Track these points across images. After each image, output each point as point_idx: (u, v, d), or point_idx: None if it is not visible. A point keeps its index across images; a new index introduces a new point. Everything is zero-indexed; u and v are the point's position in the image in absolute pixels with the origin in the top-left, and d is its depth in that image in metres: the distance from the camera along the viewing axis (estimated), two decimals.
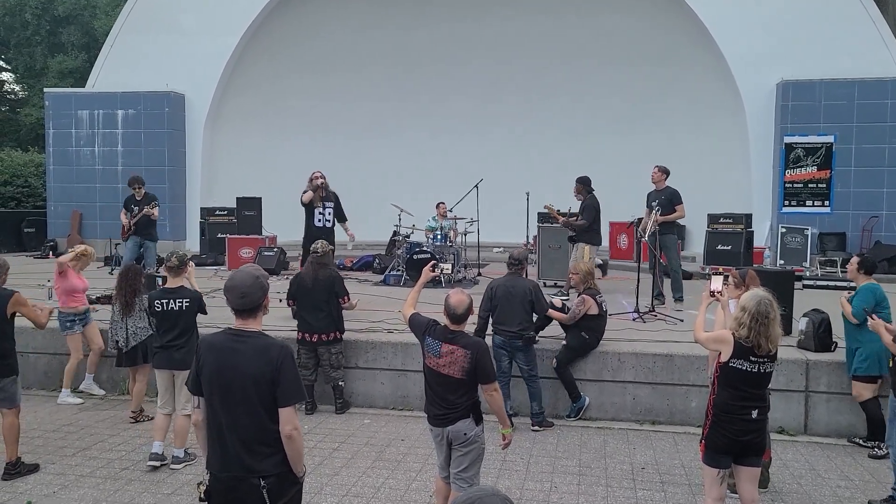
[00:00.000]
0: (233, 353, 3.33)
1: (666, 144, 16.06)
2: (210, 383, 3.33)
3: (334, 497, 5.49)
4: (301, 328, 7.53)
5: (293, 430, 3.28)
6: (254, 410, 3.27)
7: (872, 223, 14.20)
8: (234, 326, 3.44)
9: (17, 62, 32.16)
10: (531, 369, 7.05)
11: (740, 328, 4.31)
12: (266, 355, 3.30)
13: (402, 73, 18.32)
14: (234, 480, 3.28)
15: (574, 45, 17.43)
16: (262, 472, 3.25)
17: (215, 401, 3.33)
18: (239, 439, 3.27)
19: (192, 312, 6.21)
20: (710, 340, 4.55)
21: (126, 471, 5.99)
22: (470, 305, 4.55)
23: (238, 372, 3.28)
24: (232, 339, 3.38)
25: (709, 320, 7.48)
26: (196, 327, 6.28)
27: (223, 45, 17.10)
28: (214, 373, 3.32)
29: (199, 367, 3.39)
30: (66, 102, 17.44)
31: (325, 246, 7.84)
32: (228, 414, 3.29)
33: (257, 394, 3.26)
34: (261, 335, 3.41)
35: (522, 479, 5.85)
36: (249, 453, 3.26)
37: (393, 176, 17.92)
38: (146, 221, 11.55)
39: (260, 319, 3.46)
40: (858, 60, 14.40)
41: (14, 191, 19.70)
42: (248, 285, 3.40)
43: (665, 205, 9.87)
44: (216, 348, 3.38)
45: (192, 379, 3.44)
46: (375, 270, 13.72)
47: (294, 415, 3.31)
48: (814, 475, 6.02)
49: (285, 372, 3.29)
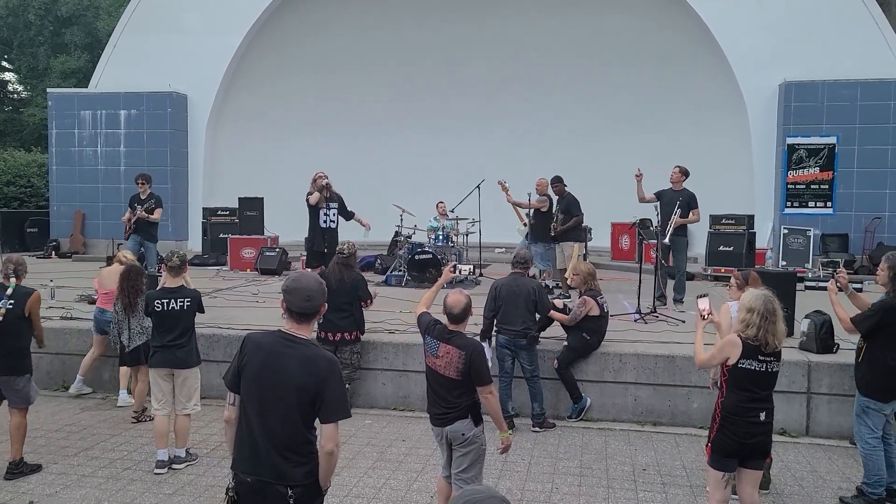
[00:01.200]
0: (280, 357, 3.26)
1: (668, 145, 16.04)
2: (251, 383, 3.26)
3: (335, 497, 5.48)
4: (323, 327, 7.43)
5: (335, 448, 3.21)
6: (291, 418, 3.21)
7: (875, 224, 14.18)
8: (285, 329, 3.35)
9: (21, 62, 32.20)
10: (533, 369, 7.06)
11: (748, 328, 4.32)
12: (313, 366, 3.23)
13: (404, 73, 18.33)
14: (261, 484, 3.22)
15: (576, 45, 17.42)
16: (291, 481, 3.19)
17: (252, 401, 3.26)
18: (272, 444, 3.20)
19: (193, 312, 6.22)
20: (716, 354, 4.52)
21: (128, 471, 6.00)
22: (467, 306, 4.54)
23: (281, 377, 3.21)
24: (281, 343, 3.29)
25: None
26: (195, 327, 6.29)
27: (226, 46, 17.12)
28: (257, 373, 3.25)
29: (241, 363, 3.31)
30: (69, 103, 17.48)
31: (352, 247, 7.81)
32: (264, 417, 3.22)
33: (297, 403, 3.20)
34: (310, 344, 3.33)
35: (523, 480, 5.85)
36: (281, 459, 3.20)
37: (395, 176, 17.92)
38: (146, 221, 11.56)
39: (311, 328, 3.39)
40: (861, 61, 14.38)
41: (17, 191, 19.73)
42: (314, 290, 3.34)
43: (683, 207, 9.83)
44: (264, 349, 3.30)
45: (232, 374, 3.34)
46: (377, 271, 13.72)
47: (336, 432, 3.23)
48: (815, 477, 6.01)
49: (332, 387, 3.21)
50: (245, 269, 13.79)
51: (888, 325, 5.28)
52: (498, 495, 1.97)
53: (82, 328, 8.45)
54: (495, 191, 11.73)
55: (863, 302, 5.72)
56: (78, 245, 17.03)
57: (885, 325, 5.29)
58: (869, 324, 5.36)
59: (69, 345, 8.35)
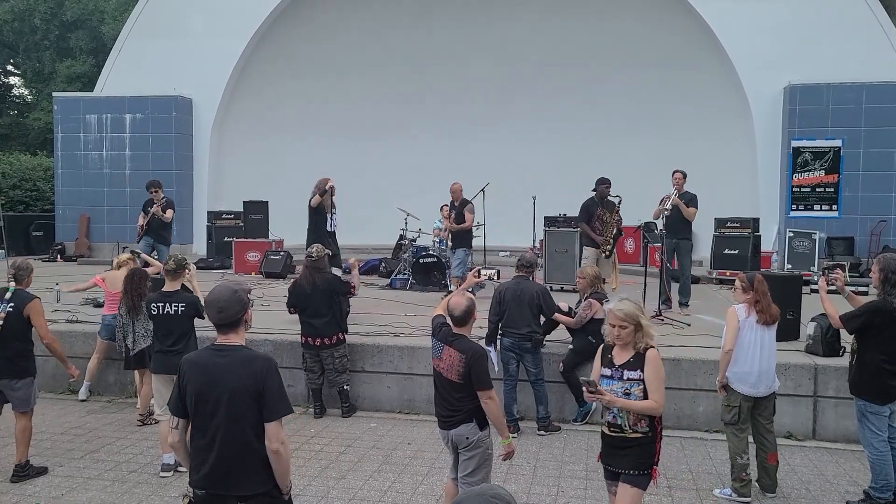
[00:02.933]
0: (216, 367, 3.29)
1: (673, 147, 16.02)
2: (195, 401, 3.28)
3: (341, 501, 5.49)
4: (304, 332, 7.54)
5: (280, 446, 3.23)
6: (239, 427, 3.23)
7: (881, 227, 14.14)
8: (217, 341, 3.40)
9: (26, 66, 32.32)
10: (538, 372, 7.05)
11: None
12: (250, 367, 3.26)
13: (408, 76, 18.35)
14: (216, 499, 3.26)
15: (581, 47, 17.42)
16: (243, 493, 3.23)
17: (200, 418, 3.28)
18: (222, 456, 3.23)
19: (188, 317, 6.16)
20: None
21: (134, 473, 6.00)
22: (468, 308, 4.52)
23: (222, 387, 3.24)
24: (215, 355, 3.34)
25: (719, 325, 7.48)
26: (193, 331, 6.24)
27: (230, 50, 17.17)
28: (199, 390, 3.27)
29: (182, 385, 3.33)
30: (74, 107, 17.55)
31: (321, 250, 7.80)
32: (213, 431, 3.25)
33: (242, 408, 3.22)
34: (244, 348, 3.37)
35: (529, 483, 5.84)
36: (233, 472, 3.23)
37: (399, 179, 17.91)
38: (158, 224, 11.62)
39: (242, 333, 3.41)
40: (866, 64, 14.35)
41: (23, 194, 19.79)
42: (226, 299, 3.35)
43: (688, 204, 9.78)
44: (199, 365, 3.34)
45: (175, 399, 3.37)
46: (381, 274, 13.74)
47: (280, 429, 3.26)
48: (822, 480, 5.99)
49: (270, 385, 3.24)
50: (250, 273, 13.80)
51: (875, 326, 5.29)
52: (488, 492, 1.89)
53: (87, 331, 8.47)
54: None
55: (859, 303, 5.75)
56: (83, 248, 17.07)
57: (872, 326, 5.31)
58: (856, 323, 5.39)
59: (74, 347, 8.36)
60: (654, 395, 4.02)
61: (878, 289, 5.39)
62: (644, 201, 10.95)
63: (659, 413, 4.08)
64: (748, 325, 5.47)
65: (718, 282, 12.94)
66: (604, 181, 10.11)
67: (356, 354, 7.82)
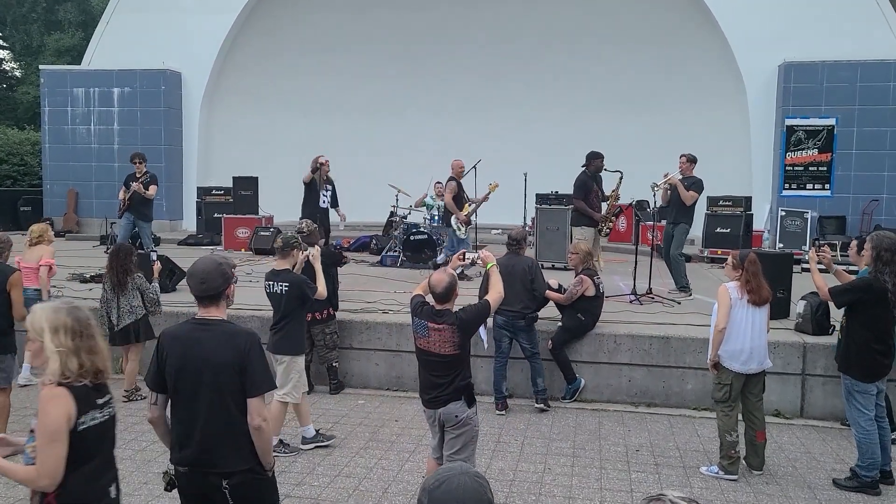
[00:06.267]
0: (197, 342, 3.22)
1: (666, 125, 15.95)
2: (175, 375, 3.21)
3: (326, 477, 5.46)
4: None
5: (262, 422, 3.19)
6: (221, 402, 3.17)
7: (873, 207, 14.12)
8: (198, 315, 3.33)
9: (14, 40, 31.92)
10: (533, 347, 7.01)
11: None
12: (232, 342, 3.20)
13: (401, 53, 18.15)
14: (195, 473, 3.21)
15: (575, 25, 17.24)
16: (226, 469, 3.18)
17: (181, 394, 3.22)
18: (204, 433, 3.18)
19: (292, 297, 5.83)
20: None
21: (117, 450, 5.93)
22: (449, 284, 4.47)
23: (204, 361, 3.17)
24: (197, 329, 3.27)
25: (709, 304, 7.46)
26: (299, 315, 5.97)
27: (220, 23, 16.92)
28: (179, 364, 3.21)
29: (161, 360, 3.26)
30: (61, 80, 17.30)
31: (310, 224, 7.68)
32: (194, 407, 3.19)
33: (224, 383, 3.16)
34: (226, 322, 3.31)
35: (516, 461, 5.82)
36: (215, 448, 3.18)
37: (390, 156, 17.78)
38: (140, 199, 11.37)
39: (223, 308, 3.34)
40: (861, 42, 14.24)
41: (10, 169, 19.61)
42: (208, 272, 3.28)
43: (688, 187, 9.58)
44: (180, 339, 3.27)
45: (154, 374, 3.29)
46: (372, 251, 13.67)
47: (263, 405, 3.21)
48: (809, 458, 5.99)
49: (253, 360, 3.19)
50: (240, 249, 13.71)
51: (864, 303, 5.31)
52: (470, 471, 1.91)
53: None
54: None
55: (847, 279, 5.76)
56: (72, 224, 16.92)
57: (861, 302, 5.32)
58: (846, 298, 5.42)
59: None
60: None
61: (871, 266, 5.36)
62: (637, 179, 10.83)
63: None
64: (740, 304, 5.44)
65: (710, 260, 12.92)
66: (597, 155, 9.85)
67: (345, 331, 7.77)
